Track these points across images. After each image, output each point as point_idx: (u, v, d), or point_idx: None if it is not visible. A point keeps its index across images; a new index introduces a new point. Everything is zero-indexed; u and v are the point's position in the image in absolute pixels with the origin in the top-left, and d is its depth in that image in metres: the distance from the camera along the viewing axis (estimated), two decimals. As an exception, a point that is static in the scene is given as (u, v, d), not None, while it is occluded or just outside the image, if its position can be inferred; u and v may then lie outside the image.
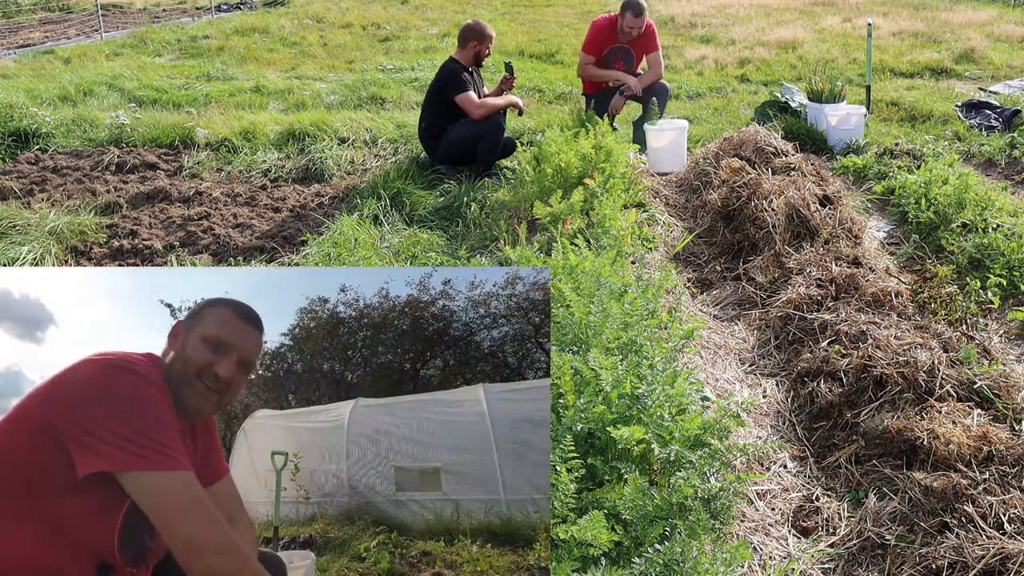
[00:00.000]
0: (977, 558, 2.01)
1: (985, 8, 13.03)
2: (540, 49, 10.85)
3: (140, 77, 9.03)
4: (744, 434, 2.81)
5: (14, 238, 4.58)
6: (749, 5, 14.63)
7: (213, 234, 4.75)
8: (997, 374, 2.76)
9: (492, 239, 4.32)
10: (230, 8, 17.33)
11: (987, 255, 3.92)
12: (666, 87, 6.23)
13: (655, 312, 2.86)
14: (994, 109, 6.72)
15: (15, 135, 6.65)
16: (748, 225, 4.34)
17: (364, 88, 8.47)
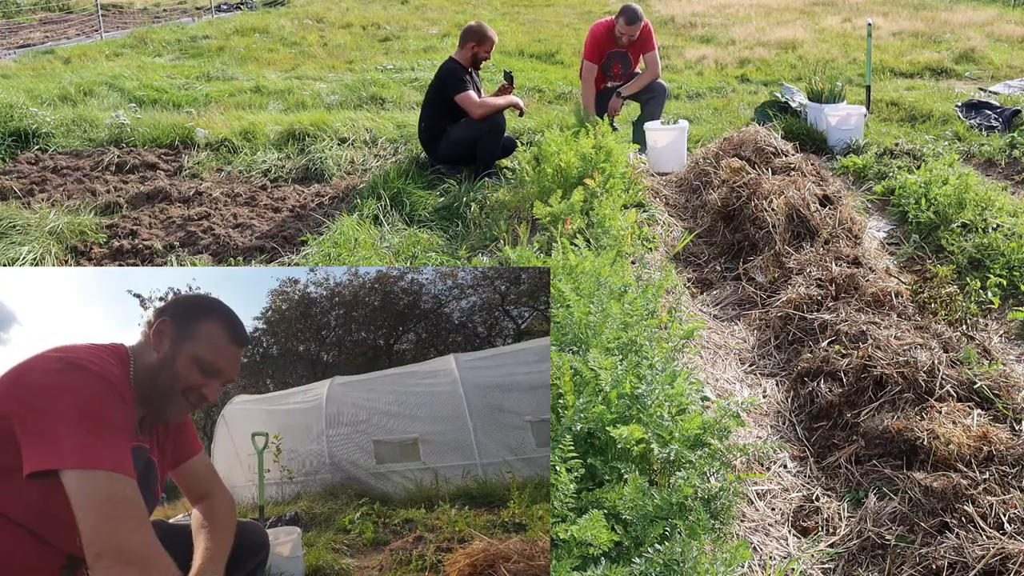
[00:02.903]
0: (977, 558, 2.01)
1: (985, 8, 13.03)
2: (540, 49, 10.85)
3: (140, 77, 9.03)
4: (744, 434, 2.81)
5: (14, 238, 4.58)
6: (749, 5, 14.63)
7: (213, 234, 4.75)
8: (997, 374, 2.76)
9: (492, 239, 4.32)
10: (230, 8, 17.34)
11: (987, 255, 3.91)
12: (664, 86, 6.23)
13: (655, 312, 2.86)
14: (994, 109, 6.72)
15: (15, 135, 6.65)
16: (748, 225, 4.34)
17: (364, 88, 8.47)
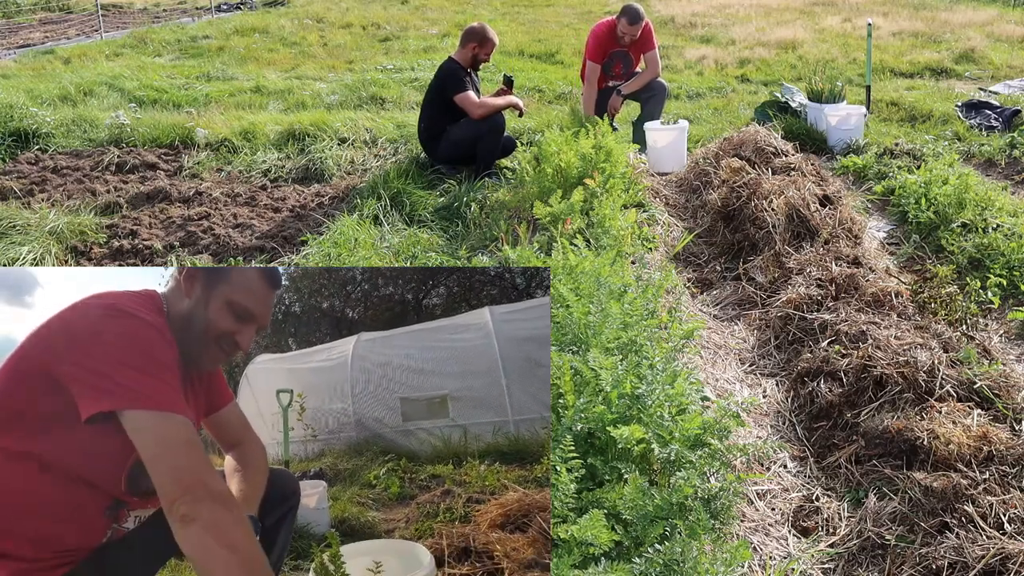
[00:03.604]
0: (977, 558, 2.01)
1: (985, 8, 13.03)
2: (540, 49, 10.85)
3: (140, 77, 9.03)
4: (744, 434, 2.81)
5: (14, 238, 4.58)
6: (749, 5, 14.63)
7: (213, 234, 4.75)
8: (997, 374, 2.76)
9: (492, 239, 4.32)
10: (230, 8, 17.34)
11: (987, 255, 3.91)
12: (664, 85, 6.24)
13: (655, 312, 2.86)
14: (994, 109, 6.71)
15: (15, 135, 6.64)
16: (748, 225, 4.34)
17: (364, 88, 8.47)
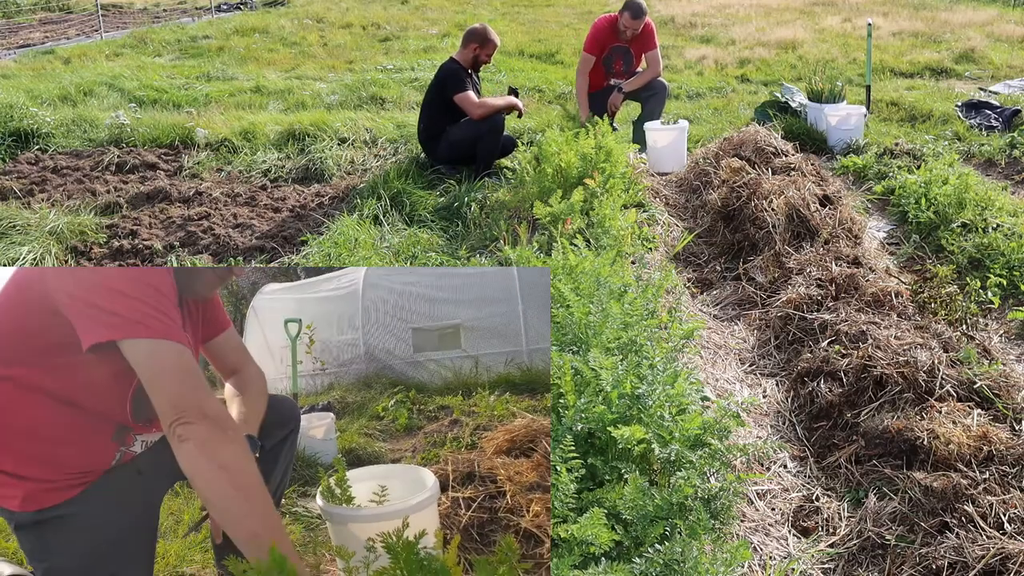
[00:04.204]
0: (977, 558, 2.01)
1: (985, 8, 13.03)
2: (540, 49, 10.85)
3: (140, 77, 9.03)
4: (744, 434, 2.81)
5: (14, 238, 4.58)
6: (749, 5, 14.63)
7: (213, 234, 4.75)
8: (997, 374, 2.76)
9: (492, 239, 4.32)
10: (230, 8, 17.33)
11: (987, 255, 3.91)
12: (664, 85, 6.24)
13: (655, 312, 2.86)
14: (994, 109, 6.71)
15: (15, 135, 6.64)
16: (748, 225, 4.34)
17: (364, 88, 8.47)
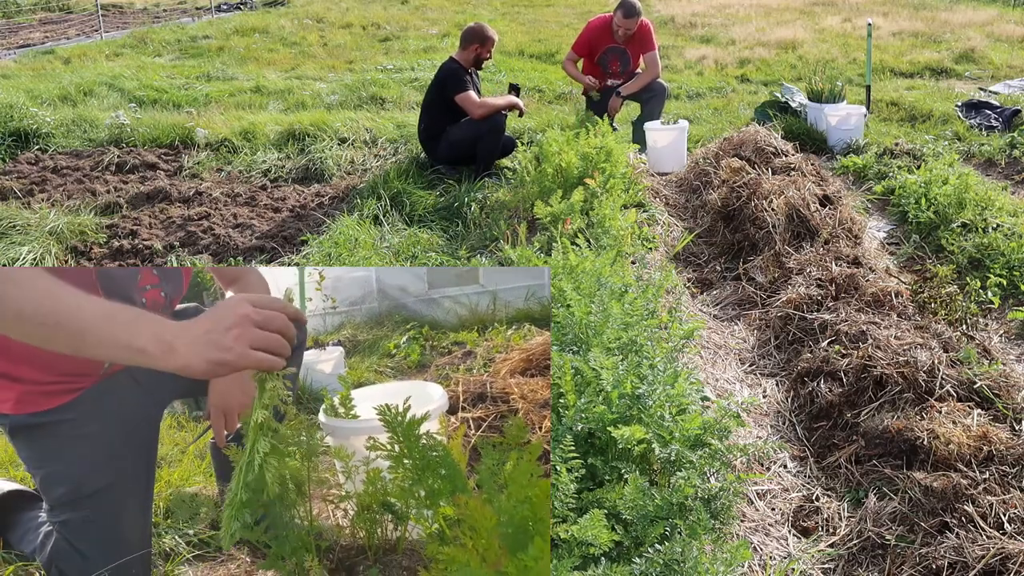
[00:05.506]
0: (977, 558, 2.01)
1: (985, 8, 13.03)
2: (540, 49, 10.85)
3: (140, 77, 9.03)
4: (744, 434, 2.81)
5: (14, 238, 4.58)
6: (749, 5, 14.63)
7: (213, 234, 4.75)
8: (997, 374, 2.76)
9: (492, 239, 4.32)
10: (230, 8, 17.33)
11: (987, 255, 3.91)
12: (664, 86, 6.23)
13: (655, 312, 2.86)
14: (994, 109, 6.72)
15: (15, 135, 6.64)
16: (748, 225, 4.34)
17: (364, 88, 8.47)
